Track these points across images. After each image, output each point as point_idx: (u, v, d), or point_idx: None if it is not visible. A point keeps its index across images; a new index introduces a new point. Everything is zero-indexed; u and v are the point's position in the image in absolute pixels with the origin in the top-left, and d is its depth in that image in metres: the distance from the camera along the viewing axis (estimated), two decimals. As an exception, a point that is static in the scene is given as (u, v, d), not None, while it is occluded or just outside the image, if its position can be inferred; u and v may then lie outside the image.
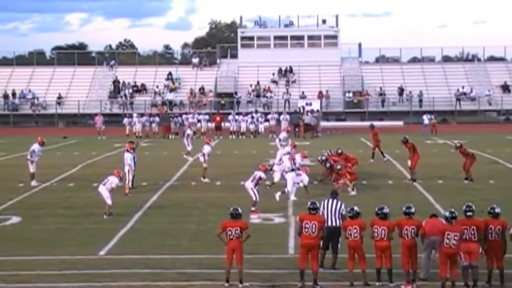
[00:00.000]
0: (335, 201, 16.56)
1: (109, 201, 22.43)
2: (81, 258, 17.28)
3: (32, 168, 29.19)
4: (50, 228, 20.94)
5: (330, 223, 16.23)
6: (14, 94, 69.62)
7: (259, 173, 23.11)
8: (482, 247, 14.79)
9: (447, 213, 14.77)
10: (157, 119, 55.83)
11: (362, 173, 29.25)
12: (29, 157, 29.32)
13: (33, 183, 28.84)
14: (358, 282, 14.92)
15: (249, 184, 22.88)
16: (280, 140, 37.55)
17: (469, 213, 14.82)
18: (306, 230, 15.04)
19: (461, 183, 28.55)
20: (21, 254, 17.80)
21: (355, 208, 15.57)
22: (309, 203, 15.58)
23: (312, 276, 14.84)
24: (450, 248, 14.36)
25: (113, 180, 22.74)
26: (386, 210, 15.25)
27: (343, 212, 16.32)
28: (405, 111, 66.67)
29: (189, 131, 40.27)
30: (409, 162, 29.21)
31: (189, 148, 37.55)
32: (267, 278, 15.44)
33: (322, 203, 16.53)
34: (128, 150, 27.68)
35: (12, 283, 15.35)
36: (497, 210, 15.07)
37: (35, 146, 29.64)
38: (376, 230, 15.00)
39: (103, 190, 22.61)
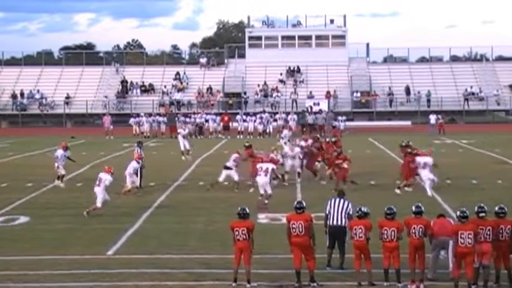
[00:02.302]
0: (342, 200, 16.56)
1: (99, 204, 22.45)
2: (89, 258, 17.31)
3: (61, 171, 28.73)
4: (58, 228, 20.98)
5: (335, 222, 16.25)
6: (22, 94, 69.80)
7: (270, 166, 23.45)
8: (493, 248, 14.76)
9: (458, 213, 14.73)
10: (164, 119, 55.90)
11: (369, 174, 29.22)
12: (56, 164, 28.80)
13: (57, 182, 28.62)
14: (366, 282, 14.91)
15: (263, 179, 23.39)
16: (282, 138, 37.58)
17: (481, 214, 14.76)
18: (294, 229, 15.09)
19: (470, 183, 28.48)
20: (30, 253, 17.83)
21: (363, 208, 15.56)
22: (295, 203, 15.66)
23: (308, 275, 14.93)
24: (466, 247, 14.30)
25: (106, 178, 22.72)
26: (394, 210, 15.23)
27: (350, 212, 16.33)
28: (413, 111, 66.59)
29: (182, 131, 40.36)
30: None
31: (186, 147, 37.63)
32: (274, 278, 15.43)
33: (329, 202, 16.57)
34: (136, 160, 27.05)
35: (21, 283, 15.39)
36: (506, 209, 15.05)
37: (59, 152, 29.03)
38: (385, 231, 14.97)
39: (99, 191, 22.63)
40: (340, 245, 16.26)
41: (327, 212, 16.39)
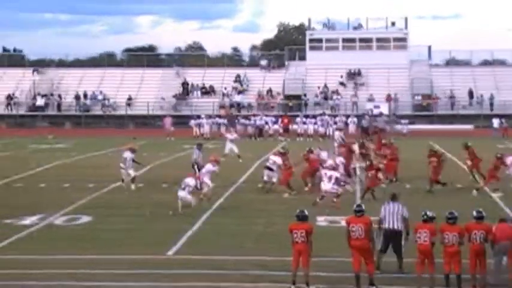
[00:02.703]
0: (395, 204, 16.52)
1: (193, 202, 23.23)
2: (149, 258, 17.50)
3: (131, 173, 28.48)
4: (120, 228, 21.24)
5: (390, 226, 16.18)
6: (85, 95, 70.82)
7: (334, 174, 23.67)
8: None
9: None
10: (224, 120, 56.16)
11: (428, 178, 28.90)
12: (121, 165, 28.49)
13: (133, 186, 28.32)
14: (426, 287, 14.75)
15: (327, 186, 23.91)
16: (335, 140, 37.59)
17: None
18: (353, 233, 15.05)
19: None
20: (91, 253, 18.10)
21: (429, 212, 15.40)
22: (354, 206, 15.64)
23: (367, 279, 14.88)
24: None
25: (189, 182, 23.16)
26: (456, 215, 15.06)
27: (405, 215, 16.25)
28: (475, 115, 65.60)
29: (229, 135, 40.96)
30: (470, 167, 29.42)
31: (235, 151, 38.74)
32: (333, 282, 15.39)
33: (383, 206, 16.55)
34: (212, 163, 26.19)
35: (83, 281, 15.64)
36: None
37: (127, 154, 28.67)
38: (447, 236, 14.81)
39: (184, 195, 23.00)
40: (397, 248, 16.15)
41: (382, 216, 16.32)
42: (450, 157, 35.10)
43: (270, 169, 27.27)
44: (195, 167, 28.61)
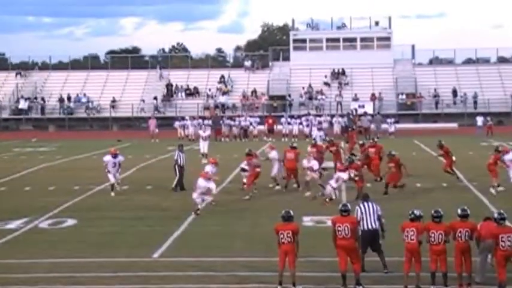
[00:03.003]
0: (370, 203, 16.51)
1: (209, 198, 23.70)
2: (135, 261, 17.44)
3: (111, 178, 27.49)
4: (105, 231, 21.18)
5: (369, 226, 16.14)
6: (69, 98, 70.62)
7: (342, 175, 24.38)
8: None
9: (496, 215, 14.61)
10: (209, 122, 56.07)
11: (415, 176, 28.98)
12: (106, 170, 27.58)
13: (112, 194, 27.31)
14: (413, 285, 14.77)
15: (333, 184, 24.52)
16: (314, 139, 37.65)
17: None
18: (339, 232, 15.05)
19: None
20: (77, 256, 18.03)
21: (416, 211, 15.42)
22: (340, 205, 15.62)
23: (353, 278, 14.91)
24: (507, 251, 14.18)
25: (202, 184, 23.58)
26: (442, 213, 15.08)
27: (380, 213, 16.30)
28: (459, 113, 65.91)
29: (201, 133, 41.15)
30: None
31: (205, 151, 39.01)
32: (319, 281, 15.39)
33: (358, 207, 16.45)
34: (211, 165, 26.62)
35: (69, 285, 15.57)
36: None
37: (107, 158, 27.62)
38: (433, 234, 14.84)
39: (197, 197, 23.29)
40: (377, 247, 16.17)
41: (359, 218, 16.23)
42: (435, 156, 35.20)
43: (244, 170, 27.32)
44: (176, 168, 28.57)
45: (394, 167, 26.89)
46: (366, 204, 16.47)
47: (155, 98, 69.28)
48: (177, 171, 28.35)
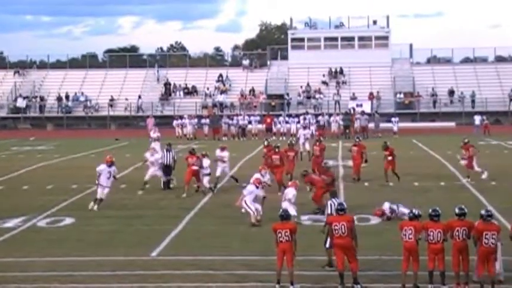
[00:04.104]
0: (337, 200, 16.92)
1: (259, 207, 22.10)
2: (133, 259, 17.45)
3: (98, 192, 24.61)
4: (103, 230, 21.18)
5: None
6: (67, 97, 70.61)
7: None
8: None
9: (483, 212, 14.68)
10: (207, 121, 56.08)
11: (413, 175, 29.04)
12: (97, 181, 24.75)
13: (91, 205, 24.38)
14: (410, 284, 14.80)
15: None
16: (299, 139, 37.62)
17: None
18: (336, 231, 15.09)
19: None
20: (75, 254, 18.04)
21: (414, 210, 15.46)
22: (336, 204, 15.73)
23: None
24: (489, 247, 14.33)
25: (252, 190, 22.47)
26: (440, 212, 15.11)
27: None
28: (457, 112, 65.98)
29: (152, 134, 41.43)
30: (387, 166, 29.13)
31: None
32: (317, 280, 15.42)
33: (329, 203, 16.90)
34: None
35: (67, 283, 15.58)
36: None
37: (102, 167, 24.83)
38: (431, 233, 14.86)
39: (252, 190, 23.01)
40: None
41: (330, 213, 16.44)
42: (433, 154, 35.34)
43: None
44: (162, 167, 28.74)
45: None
46: (334, 200, 16.89)
47: (146, 96, 69.25)
48: (162, 170, 28.55)
